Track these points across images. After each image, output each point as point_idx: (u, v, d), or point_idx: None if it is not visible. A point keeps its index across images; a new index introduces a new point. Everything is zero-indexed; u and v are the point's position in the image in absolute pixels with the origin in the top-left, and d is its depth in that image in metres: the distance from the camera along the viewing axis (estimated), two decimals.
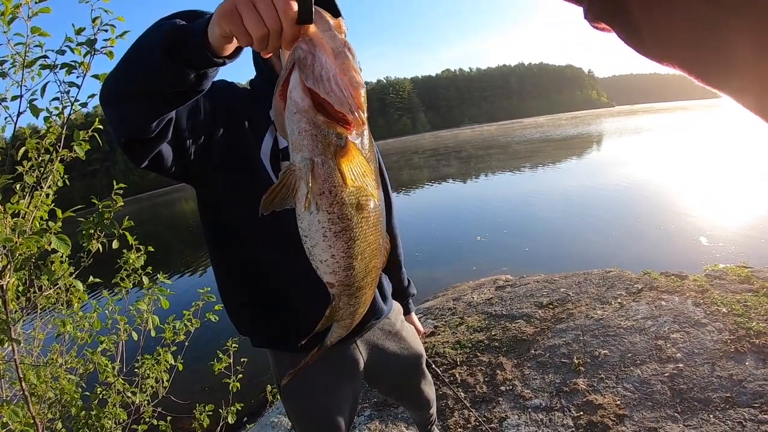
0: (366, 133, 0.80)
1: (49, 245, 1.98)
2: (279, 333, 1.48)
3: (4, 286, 2.02)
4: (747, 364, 2.83)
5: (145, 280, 2.84)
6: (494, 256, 8.17)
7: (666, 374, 2.89)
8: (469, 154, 35.37)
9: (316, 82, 0.71)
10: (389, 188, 1.78)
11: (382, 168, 1.71)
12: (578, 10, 0.39)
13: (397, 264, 1.90)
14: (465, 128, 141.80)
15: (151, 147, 1.04)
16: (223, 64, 0.86)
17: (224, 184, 1.33)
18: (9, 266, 2.01)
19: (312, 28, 0.72)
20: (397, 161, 37.72)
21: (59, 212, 2.29)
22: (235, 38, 0.77)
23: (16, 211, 2.07)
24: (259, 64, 1.41)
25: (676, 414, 2.57)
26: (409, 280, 1.98)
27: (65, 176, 2.52)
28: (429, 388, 2.04)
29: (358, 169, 0.77)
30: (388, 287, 1.74)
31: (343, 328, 1.03)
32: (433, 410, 2.19)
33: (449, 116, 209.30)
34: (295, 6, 0.70)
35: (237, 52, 0.85)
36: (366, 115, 0.77)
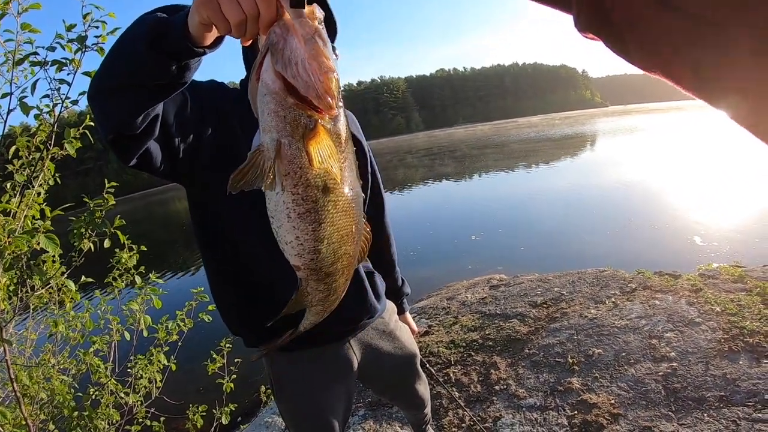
0: (342, 119, 0.81)
1: (38, 245, 1.96)
2: (269, 332, 1.47)
3: None
4: (741, 363, 2.83)
5: (138, 279, 2.82)
6: (489, 256, 8.19)
7: (660, 373, 2.89)
8: (464, 153, 35.46)
9: (284, 66, 0.72)
10: (381, 186, 1.77)
11: (374, 166, 1.70)
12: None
13: (391, 263, 1.90)
14: (458, 128, 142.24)
15: (139, 144, 1.04)
16: (204, 53, 0.86)
17: (214, 183, 1.31)
18: None
19: (287, 14, 0.73)
20: (390, 160, 37.76)
21: (48, 210, 2.27)
22: (214, 26, 0.77)
23: (7, 210, 2.05)
24: (250, 63, 1.40)
25: (670, 413, 2.57)
26: (403, 279, 1.98)
27: (57, 174, 2.49)
28: (423, 388, 2.04)
29: (326, 152, 0.78)
30: (381, 286, 1.73)
31: (315, 315, 1.03)
32: (428, 410, 2.18)
33: (443, 116, 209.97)
34: None
35: (217, 41, 0.86)
36: (338, 101, 0.78)
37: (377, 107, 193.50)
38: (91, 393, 2.87)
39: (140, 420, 3.06)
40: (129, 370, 3.08)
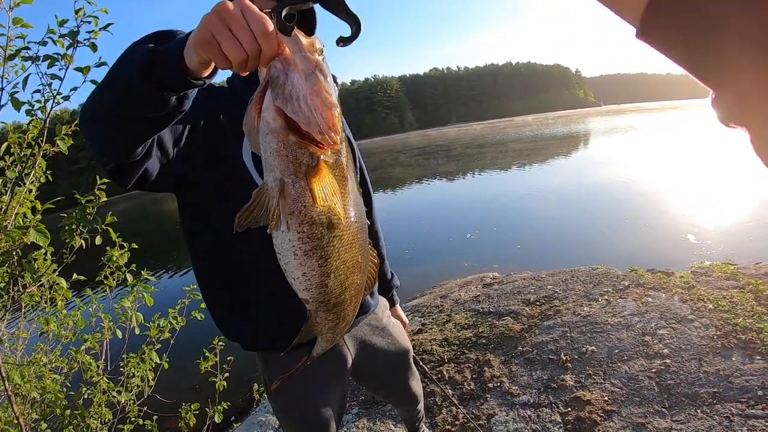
0: (343, 151, 0.80)
1: (28, 240, 1.94)
2: (268, 339, 1.47)
3: None
4: (734, 359, 2.85)
5: (129, 277, 2.80)
6: (484, 254, 8.19)
7: (653, 370, 2.90)
8: (458, 152, 35.47)
9: (285, 101, 0.71)
10: (368, 182, 1.77)
11: (361, 163, 1.69)
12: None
13: (380, 257, 1.90)
14: (452, 127, 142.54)
15: (138, 168, 1.03)
16: (203, 85, 0.85)
17: (207, 184, 1.31)
18: None
19: (288, 48, 0.73)
20: (384, 159, 37.77)
21: (39, 205, 2.25)
22: (213, 62, 0.76)
23: None
24: None
25: (663, 409, 2.58)
26: (392, 273, 1.99)
27: (48, 172, 2.47)
28: (416, 384, 2.04)
29: (330, 189, 0.78)
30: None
31: (327, 341, 1.04)
32: (421, 406, 2.19)
33: (436, 115, 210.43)
34: (270, 26, 0.70)
35: (215, 71, 0.84)
36: (339, 136, 0.77)
37: (371, 106, 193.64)
38: (84, 392, 2.86)
39: (133, 419, 3.04)
40: (121, 368, 3.06)
